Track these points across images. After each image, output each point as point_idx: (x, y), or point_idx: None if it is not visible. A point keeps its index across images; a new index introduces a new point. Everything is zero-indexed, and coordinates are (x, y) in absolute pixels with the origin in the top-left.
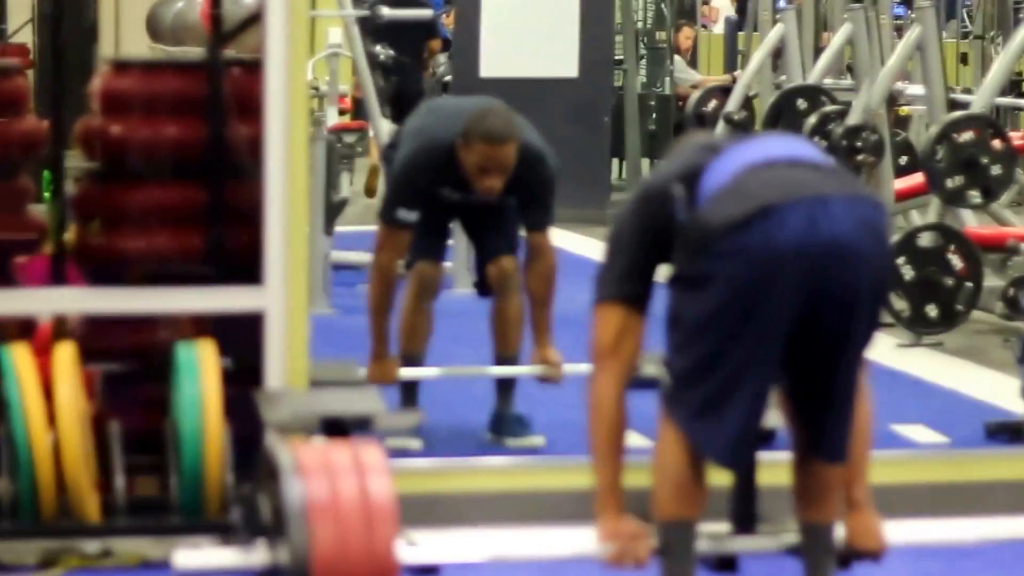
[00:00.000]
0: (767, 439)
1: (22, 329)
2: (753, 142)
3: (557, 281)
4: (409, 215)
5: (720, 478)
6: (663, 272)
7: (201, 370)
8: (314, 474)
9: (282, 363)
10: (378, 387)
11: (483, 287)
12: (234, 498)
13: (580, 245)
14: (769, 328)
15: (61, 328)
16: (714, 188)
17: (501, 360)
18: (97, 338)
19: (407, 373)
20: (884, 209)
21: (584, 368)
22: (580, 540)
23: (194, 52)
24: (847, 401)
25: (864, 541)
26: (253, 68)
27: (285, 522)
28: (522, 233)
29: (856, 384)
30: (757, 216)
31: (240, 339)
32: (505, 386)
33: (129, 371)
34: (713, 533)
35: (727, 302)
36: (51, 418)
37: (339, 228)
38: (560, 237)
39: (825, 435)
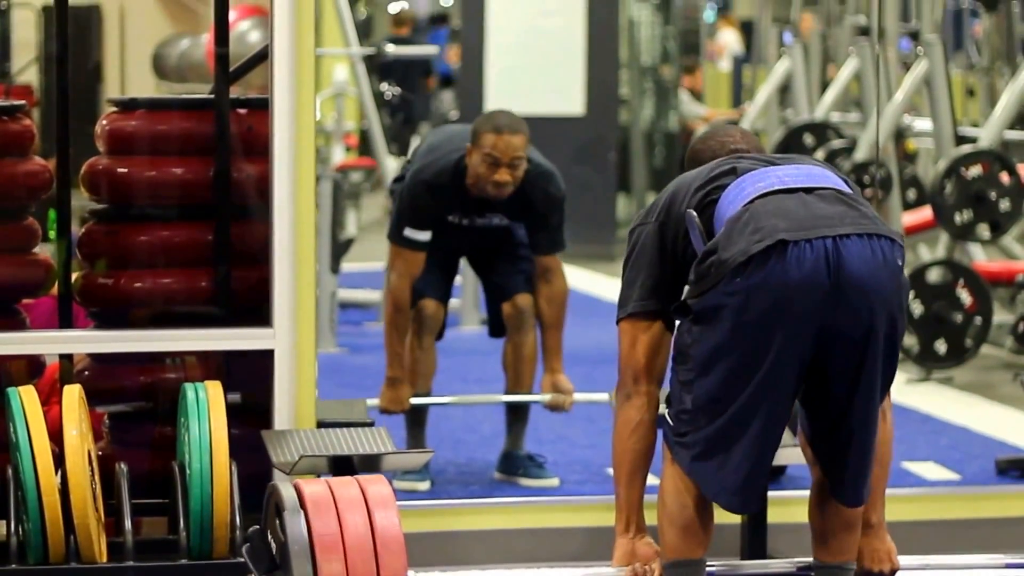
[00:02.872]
0: (777, 476)
1: (29, 370)
2: (771, 168)
3: (568, 323)
4: (417, 234)
5: (730, 516)
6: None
7: (208, 411)
8: (319, 509)
9: (290, 403)
10: (391, 412)
11: (496, 327)
12: (242, 538)
13: (586, 281)
14: (777, 368)
15: (68, 369)
16: (729, 216)
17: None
18: (104, 379)
19: (415, 401)
20: (901, 243)
21: (593, 397)
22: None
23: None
24: (866, 443)
25: (878, 564)
26: (260, 107)
27: (289, 558)
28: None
29: (876, 426)
30: (771, 252)
31: (247, 378)
32: (516, 425)
33: (136, 412)
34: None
35: (734, 339)
36: (59, 459)
37: (346, 266)
38: (566, 273)
39: (845, 477)
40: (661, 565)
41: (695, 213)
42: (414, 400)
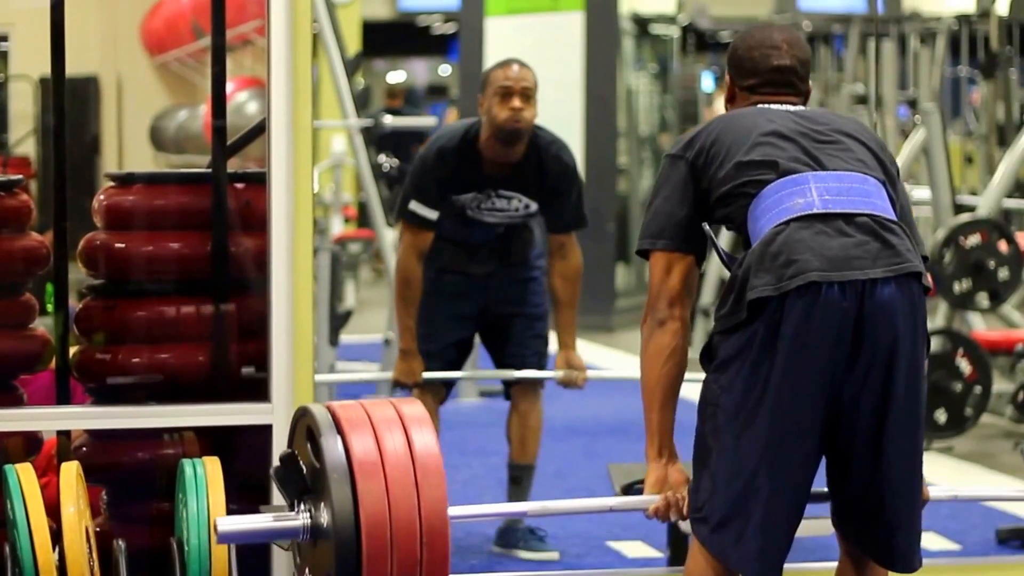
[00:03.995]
0: None
1: (27, 446)
2: (812, 175)
3: (569, 394)
4: (422, 209)
5: None
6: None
7: (207, 487)
8: (357, 430)
9: None
10: (405, 384)
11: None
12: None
13: (585, 352)
14: (796, 420)
15: (65, 445)
16: (762, 235)
17: (517, 469)
18: (102, 454)
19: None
20: (925, 272)
21: (605, 375)
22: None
23: (198, 162)
24: (912, 501)
25: None
26: (257, 181)
27: (327, 482)
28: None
29: (918, 480)
30: (800, 293)
31: (246, 452)
32: (516, 497)
33: (134, 488)
34: None
35: (751, 392)
36: (56, 536)
37: (345, 338)
38: None
39: (895, 540)
40: None
41: (711, 231)
42: (426, 374)
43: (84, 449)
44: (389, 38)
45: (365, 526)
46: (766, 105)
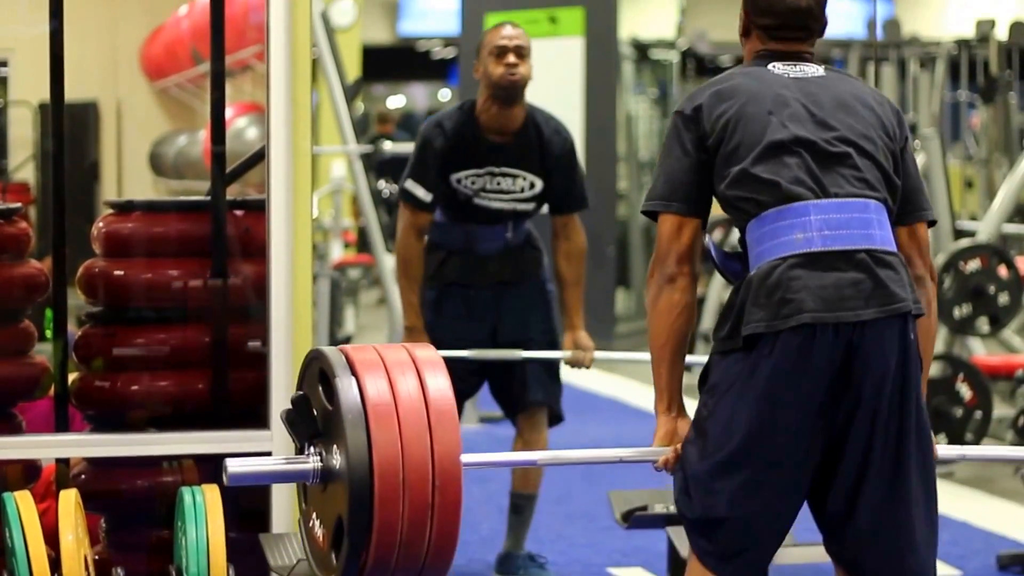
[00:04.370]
0: None
1: (25, 474)
2: (817, 203)
3: (567, 418)
4: (417, 189)
5: None
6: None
7: (205, 515)
8: (371, 373)
9: (288, 505)
10: None
11: (509, 411)
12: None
13: (585, 377)
14: (779, 454)
15: (64, 472)
16: (760, 267)
17: (519, 499)
18: (101, 482)
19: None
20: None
21: (613, 356)
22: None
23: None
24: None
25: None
26: (256, 208)
27: (342, 425)
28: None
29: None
30: (794, 333)
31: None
32: (517, 525)
33: (133, 515)
34: None
35: (735, 421)
36: (55, 564)
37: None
38: (564, 370)
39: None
40: None
41: (712, 242)
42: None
43: (83, 476)
44: (389, 63)
45: (378, 469)
46: (782, 71)
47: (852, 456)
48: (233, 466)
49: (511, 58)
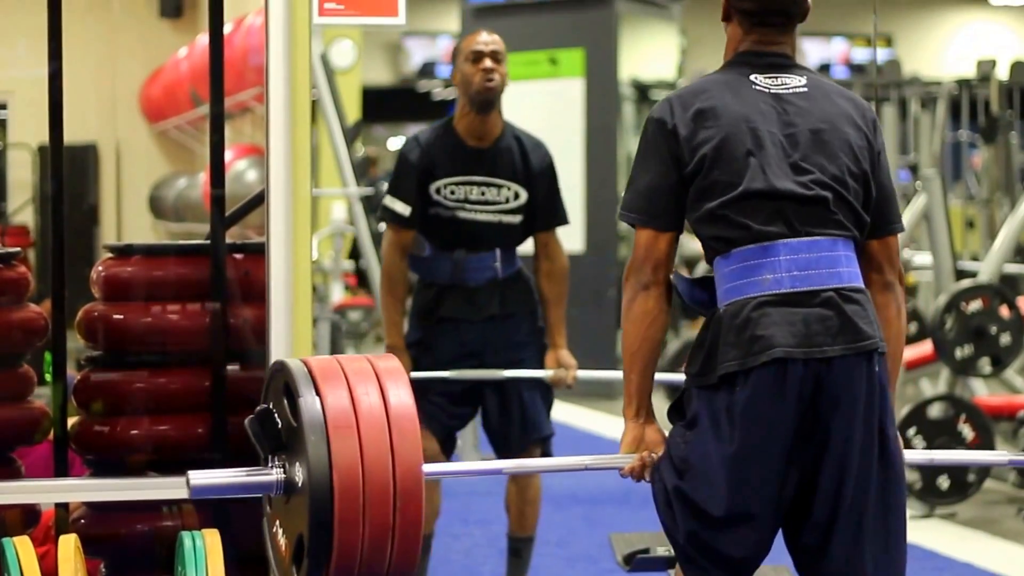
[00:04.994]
0: None
1: (24, 519)
2: (783, 242)
3: (565, 452)
4: (396, 204)
5: None
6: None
7: (206, 559)
8: (332, 385)
9: None
10: None
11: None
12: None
13: (586, 419)
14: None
15: (63, 517)
16: (728, 304)
17: (516, 541)
18: (100, 526)
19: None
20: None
21: (597, 375)
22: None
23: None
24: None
25: None
26: (256, 252)
27: (301, 434)
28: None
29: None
30: (765, 368)
31: (246, 524)
32: (516, 567)
33: (133, 560)
34: None
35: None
36: None
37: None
38: (565, 411)
39: None
40: None
41: (678, 275)
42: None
43: (82, 521)
44: (389, 104)
45: (338, 488)
46: (763, 86)
47: (825, 492)
48: (196, 478)
49: (487, 63)
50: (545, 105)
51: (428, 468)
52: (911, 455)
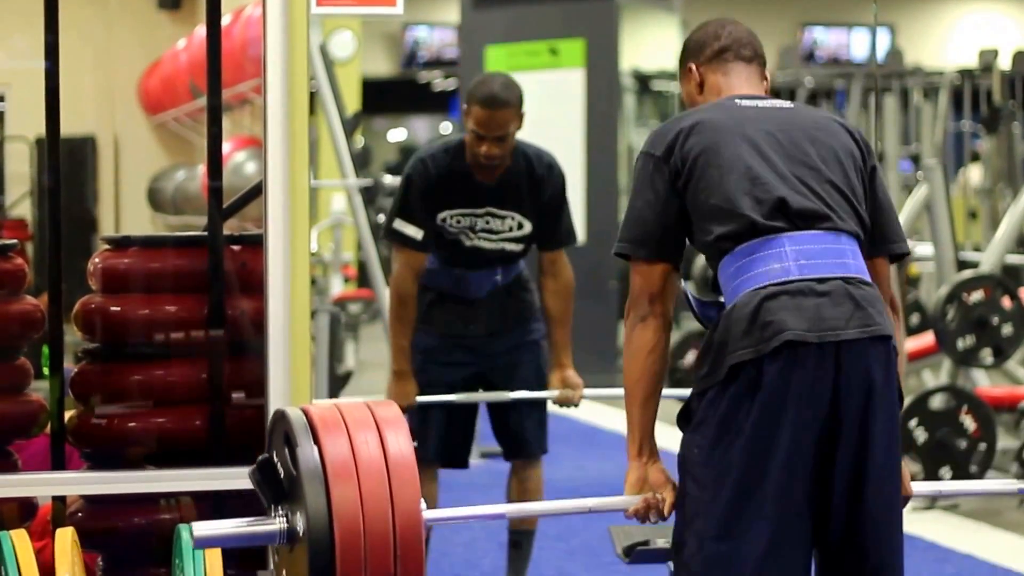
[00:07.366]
0: None
1: (21, 513)
2: (791, 238)
3: (566, 445)
4: (406, 228)
5: None
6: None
7: (203, 552)
8: (332, 435)
9: None
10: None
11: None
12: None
13: (587, 412)
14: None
15: (61, 510)
16: (737, 297)
17: (518, 535)
18: (98, 520)
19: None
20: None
21: (602, 392)
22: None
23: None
24: (892, 556)
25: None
26: (254, 243)
27: (301, 485)
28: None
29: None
30: (779, 353)
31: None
32: (517, 561)
33: (131, 553)
34: None
35: (729, 449)
36: None
37: (345, 400)
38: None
39: None
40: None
41: (689, 291)
42: (421, 398)
43: (80, 514)
44: (390, 95)
45: (339, 537)
46: (749, 104)
47: (842, 482)
48: (200, 529)
49: (491, 149)
50: (546, 96)
51: (428, 515)
52: (918, 487)
